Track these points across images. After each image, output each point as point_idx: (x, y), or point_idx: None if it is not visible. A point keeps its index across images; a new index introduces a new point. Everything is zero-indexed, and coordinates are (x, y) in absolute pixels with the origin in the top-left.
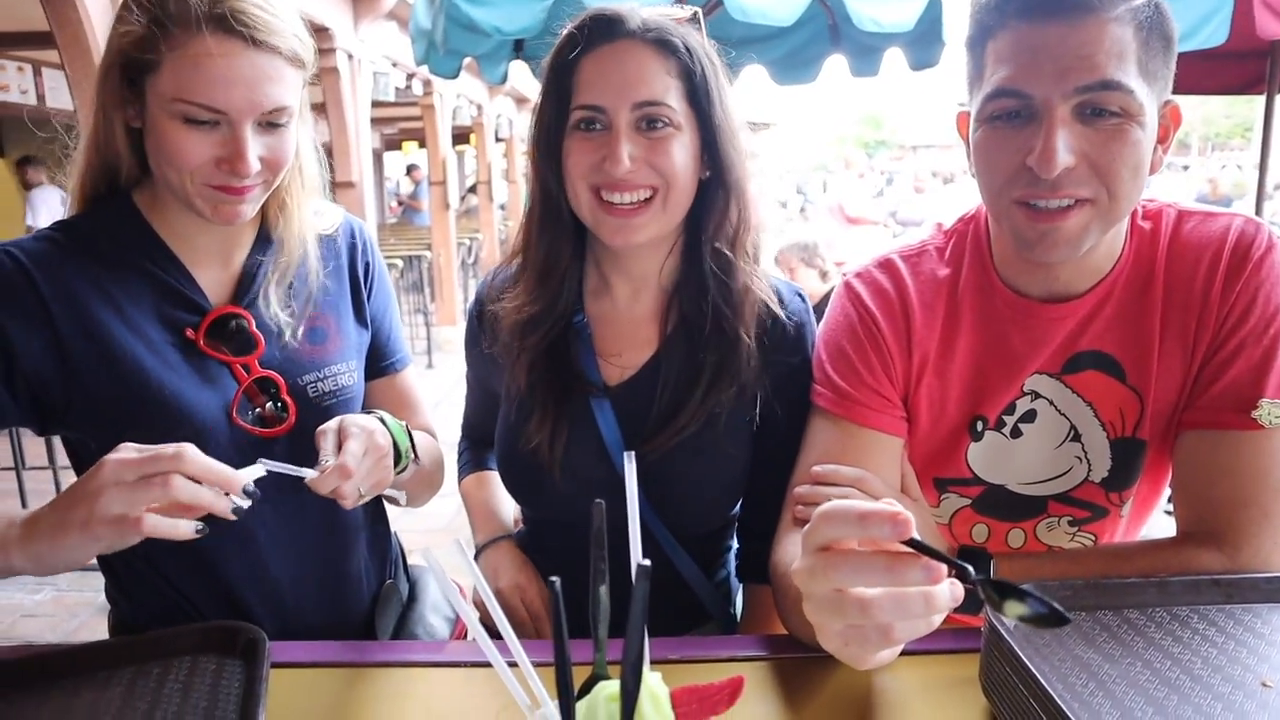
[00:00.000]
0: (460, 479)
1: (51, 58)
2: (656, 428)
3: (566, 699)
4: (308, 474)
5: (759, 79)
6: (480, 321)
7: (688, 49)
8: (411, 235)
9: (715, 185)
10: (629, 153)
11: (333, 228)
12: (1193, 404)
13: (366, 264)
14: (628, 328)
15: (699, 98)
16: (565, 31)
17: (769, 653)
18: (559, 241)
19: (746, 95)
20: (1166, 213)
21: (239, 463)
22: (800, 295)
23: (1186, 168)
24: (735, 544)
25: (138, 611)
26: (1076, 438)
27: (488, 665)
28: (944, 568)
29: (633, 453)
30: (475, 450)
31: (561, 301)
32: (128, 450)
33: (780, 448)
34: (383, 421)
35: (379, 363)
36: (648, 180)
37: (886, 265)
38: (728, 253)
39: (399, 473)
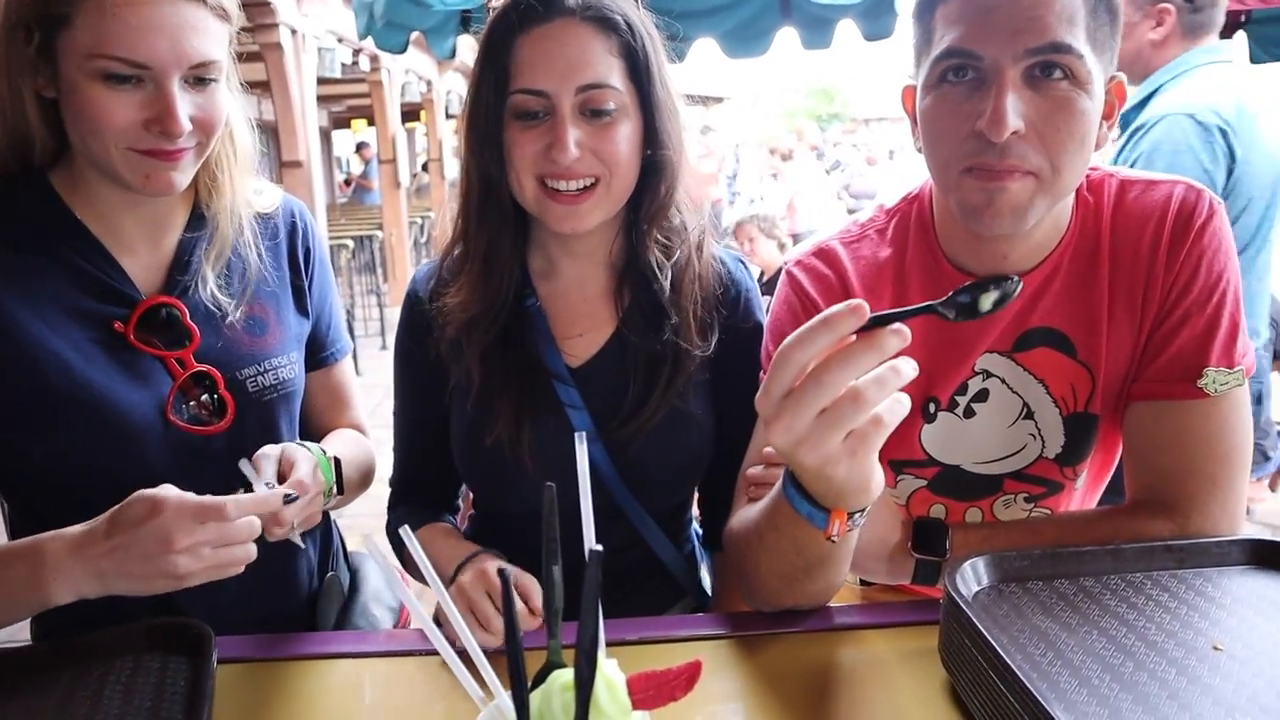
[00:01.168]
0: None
1: None
2: (630, 413)
3: (520, 690)
4: (263, 492)
5: (710, 52)
6: (418, 324)
7: (628, 25)
8: (363, 215)
9: (653, 164)
10: (575, 139)
11: (271, 207)
12: (1140, 375)
13: (307, 249)
14: (583, 307)
15: (640, 76)
16: (499, 8)
17: (728, 631)
18: (501, 230)
19: (697, 69)
20: (1108, 183)
21: (174, 462)
22: (743, 263)
23: None
24: (696, 516)
25: (61, 613)
26: (1029, 415)
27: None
28: (905, 330)
29: (584, 433)
30: (413, 513)
31: (508, 289)
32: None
33: (740, 414)
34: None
35: (317, 354)
36: (592, 170)
37: (825, 252)
38: (662, 230)
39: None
